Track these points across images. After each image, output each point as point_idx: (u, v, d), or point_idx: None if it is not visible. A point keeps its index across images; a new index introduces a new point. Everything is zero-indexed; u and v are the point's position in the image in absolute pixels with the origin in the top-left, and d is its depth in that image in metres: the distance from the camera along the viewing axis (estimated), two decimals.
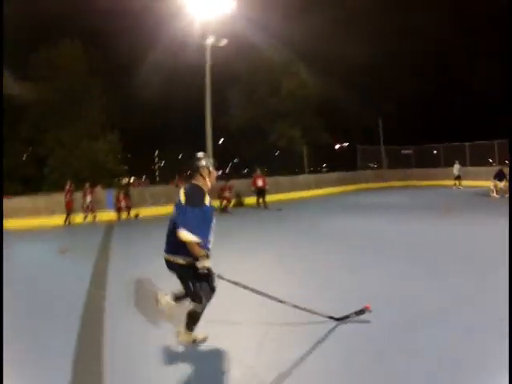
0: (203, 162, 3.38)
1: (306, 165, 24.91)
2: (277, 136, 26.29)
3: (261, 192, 15.08)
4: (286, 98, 25.57)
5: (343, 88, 26.44)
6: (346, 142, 38.44)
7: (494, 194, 15.77)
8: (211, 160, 3.48)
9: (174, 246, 3.23)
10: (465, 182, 21.22)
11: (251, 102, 25.99)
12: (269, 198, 16.27)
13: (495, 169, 17.22)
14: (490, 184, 16.38)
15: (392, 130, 29.29)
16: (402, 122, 31.77)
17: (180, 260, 3.23)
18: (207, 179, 3.37)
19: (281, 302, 3.71)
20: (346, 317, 3.91)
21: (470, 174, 22.27)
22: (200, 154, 3.49)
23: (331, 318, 3.88)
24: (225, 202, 14.98)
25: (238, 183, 17.62)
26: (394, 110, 30.51)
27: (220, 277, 3.32)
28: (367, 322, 3.87)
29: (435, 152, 25.74)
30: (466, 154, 23.71)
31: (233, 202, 16.04)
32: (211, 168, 3.42)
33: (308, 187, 21.62)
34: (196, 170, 3.37)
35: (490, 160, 23.74)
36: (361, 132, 31.45)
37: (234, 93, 26.17)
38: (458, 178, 20.88)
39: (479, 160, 22.90)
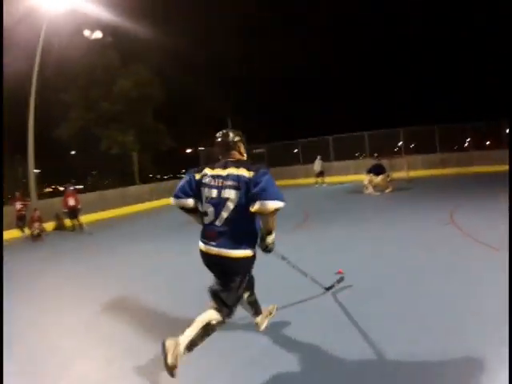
0: (237, 137, 3.02)
1: (136, 174, 22.78)
2: (108, 143, 22.93)
3: (73, 212, 12.75)
4: (118, 99, 22.10)
5: (192, 87, 25.32)
6: (198, 145, 34.96)
7: (370, 190, 13.89)
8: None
9: (238, 235, 2.73)
10: (330, 179, 19.35)
11: (83, 107, 22.13)
12: (95, 216, 15.04)
13: (366, 162, 15.38)
14: (363, 179, 14.21)
15: (245, 129, 26.75)
16: (256, 119, 30.43)
17: (240, 252, 2.74)
18: (244, 154, 3.07)
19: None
20: (332, 286, 4.36)
21: (334, 169, 20.64)
22: (229, 130, 3.10)
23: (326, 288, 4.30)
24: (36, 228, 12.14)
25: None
26: (245, 108, 29.90)
27: (284, 258, 3.65)
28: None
29: (296, 150, 23.37)
30: (330, 148, 21.87)
31: (52, 224, 13.97)
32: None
33: (140, 200, 17.93)
34: (233, 146, 2.98)
35: (356, 154, 22.62)
36: (213, 132, 28.25)
37: (68, 97, 21.82)
38: (321, 174, 18.74)
39: (345, 154, 21.42)
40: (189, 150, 37.78)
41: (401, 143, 20.27)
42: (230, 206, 2.73)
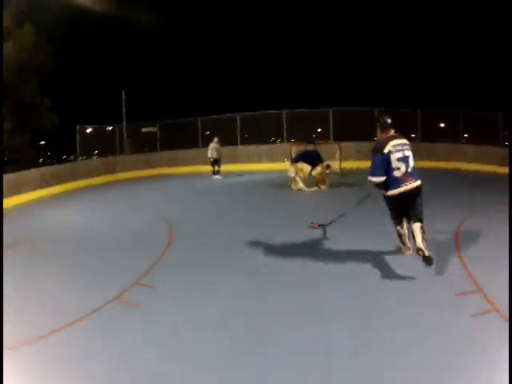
0: (379, 120, 4.45)
1: None
2: None
3: None
4: None
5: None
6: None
7: (301, 185, 9.92)
8: (382, 118, 4.41)
9: (416, 174, 4.20)
10: (235, 167, 14.90)
11: None
12: None
13: (283, 148, 10.70)
14: (287, 168, 10.24)
15: (137, 104, 21.84)
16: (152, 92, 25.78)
17: (420, 182, 4.21)
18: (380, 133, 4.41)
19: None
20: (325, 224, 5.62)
21: (240, 155, 15.60)
22: (385, 115, 4.44)
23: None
24: None
25: None
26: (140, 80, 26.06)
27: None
28: None
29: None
30: (237, 129, 16.56)
31: None
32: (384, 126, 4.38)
33: None
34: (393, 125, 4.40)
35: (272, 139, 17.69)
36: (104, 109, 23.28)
37: None
38: (216, 162, 13.44)
39: (256, 137, 16.34)
40: (89, 130, 30.33)
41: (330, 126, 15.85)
42: (410, 158, 4.17)
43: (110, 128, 19.65)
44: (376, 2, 28.41)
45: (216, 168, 13.35)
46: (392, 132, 4.30)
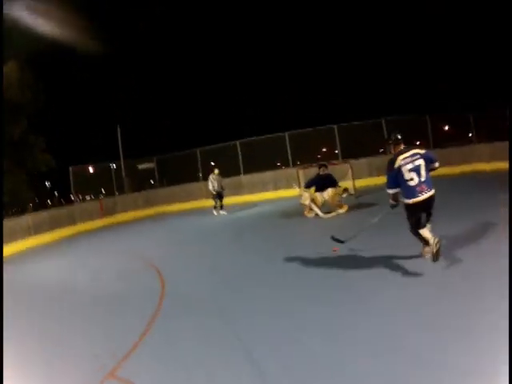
0: (391, 138, 4.75)
1: None
2: None
3: None
4: None
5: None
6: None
7: (317, 211, 8.90)
8: (393, 135, 4.72)
9: (430, 182, 4.51)
10: (239, 199, 13.59)
11: None
12: None
13: (290, 173, 9.62)
14: (303, 196, 9.12)
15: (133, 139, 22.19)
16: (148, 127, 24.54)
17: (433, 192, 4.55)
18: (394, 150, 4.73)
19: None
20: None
21: (244, 185, 14.54)
22: (394, 133, 4.73)
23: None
24: None
25: None
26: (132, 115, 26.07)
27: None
28: None
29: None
30: (239, 157, 15.58)
31: None
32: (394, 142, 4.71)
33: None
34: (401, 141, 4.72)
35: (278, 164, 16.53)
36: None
37: None
38: (219, 196, 12.20)
39: (258, 164, 15.25)
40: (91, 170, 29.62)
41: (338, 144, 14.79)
42: (422, 168, 4.46)
43: (112, 166, 18.64)
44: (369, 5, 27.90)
45: (218, 203, 12.15)
46: (402, 147, 4.63)
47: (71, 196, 17.41)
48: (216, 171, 11.99)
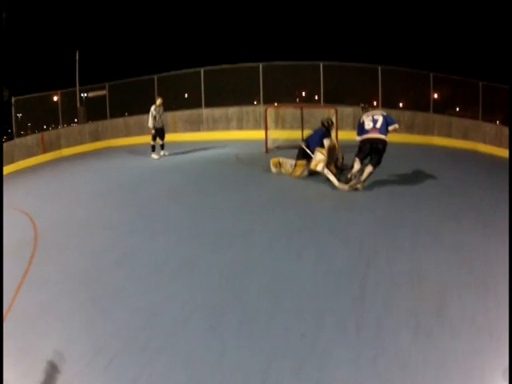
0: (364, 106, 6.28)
1: None
2: None
3: None
4: None
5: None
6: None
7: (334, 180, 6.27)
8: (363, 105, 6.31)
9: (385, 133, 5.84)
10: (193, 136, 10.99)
11: None
12: None
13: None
14: (318, 158, 6.46)
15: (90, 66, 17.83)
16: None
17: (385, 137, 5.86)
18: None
19: None
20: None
21: (205, 120, 12.10)
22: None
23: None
24: None
25: None
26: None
27: None
28: None
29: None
30: (201, 86, 12.82)
31: None
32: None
33: None
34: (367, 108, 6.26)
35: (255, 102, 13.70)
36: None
37: None
38: (160, 133, 9.59)
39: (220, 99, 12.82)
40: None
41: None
42: (379, 122, 5.79)
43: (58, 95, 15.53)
44: None
45: (159, 141, 9.61)
46: (369, 110, 6.11)
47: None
48: (159, 101, 9.37)
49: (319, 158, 6.27)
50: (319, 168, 6.21)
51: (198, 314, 2.85)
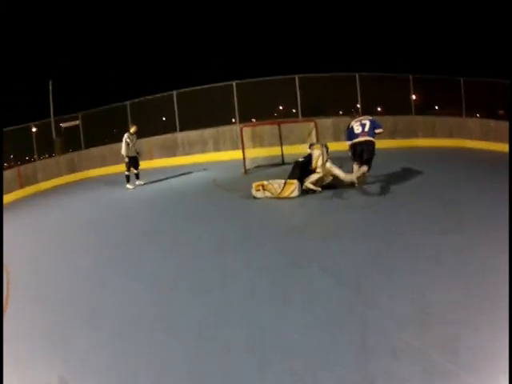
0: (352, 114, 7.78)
1: None
2: None
3: None
4: None
5: None
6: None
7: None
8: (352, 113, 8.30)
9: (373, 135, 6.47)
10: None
11: None
12: None
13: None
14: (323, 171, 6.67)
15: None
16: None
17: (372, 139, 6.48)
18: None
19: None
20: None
21: (181, 144, 11.63)
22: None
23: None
24: None
25: None
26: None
27: None
28: None
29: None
30: (175, 109, 12.48)
31: None
32: None
33: None
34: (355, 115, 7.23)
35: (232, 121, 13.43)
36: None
37: None
38: (134, 162, 9.26)
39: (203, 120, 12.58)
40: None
41: None
42: (367, 126, 6.38)
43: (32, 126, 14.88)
44: None
45: (133, 171, 9.19)
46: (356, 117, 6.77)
47: None
48: (133, 129, 8.95)
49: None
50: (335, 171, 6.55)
51: None
